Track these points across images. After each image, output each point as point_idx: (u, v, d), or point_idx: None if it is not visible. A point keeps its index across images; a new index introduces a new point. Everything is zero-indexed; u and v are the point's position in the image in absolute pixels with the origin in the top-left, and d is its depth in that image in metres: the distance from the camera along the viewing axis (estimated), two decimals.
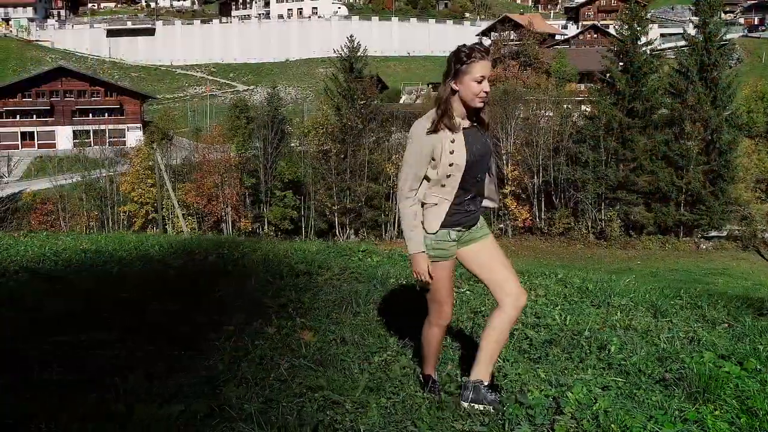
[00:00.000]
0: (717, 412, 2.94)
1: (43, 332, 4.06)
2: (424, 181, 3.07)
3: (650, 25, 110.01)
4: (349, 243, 9.20)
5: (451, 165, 3.00)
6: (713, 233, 49.81)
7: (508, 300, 3.11)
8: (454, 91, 3.01)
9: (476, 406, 3.00)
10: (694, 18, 49.55)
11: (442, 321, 3.22)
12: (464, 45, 3.05)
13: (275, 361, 3.42)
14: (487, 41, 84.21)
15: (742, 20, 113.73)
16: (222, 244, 8.62)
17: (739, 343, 4.03)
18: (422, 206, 3.09)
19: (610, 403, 2.99)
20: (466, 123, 3.09)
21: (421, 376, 3.33)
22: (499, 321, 3.12)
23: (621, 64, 50.32)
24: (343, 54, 51.55)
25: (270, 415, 2.66)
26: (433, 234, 3.06)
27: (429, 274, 3.06)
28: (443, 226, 3.07)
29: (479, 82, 2.97)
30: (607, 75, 51.27)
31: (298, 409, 2.79)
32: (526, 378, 3.39)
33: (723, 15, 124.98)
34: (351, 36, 52.33)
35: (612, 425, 2.74)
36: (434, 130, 2.99)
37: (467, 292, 5.50)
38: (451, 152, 2.99)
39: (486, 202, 3.26)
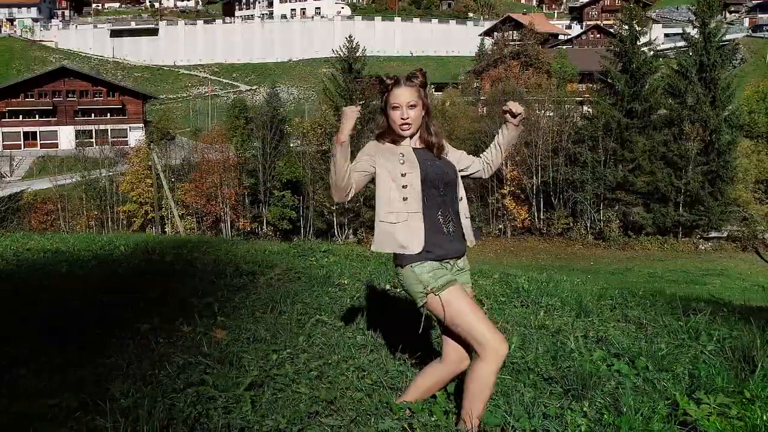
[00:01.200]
0: (586, 408, 3.02)
1: None
2: (382, 202, 2.96)
3: (654, 25, 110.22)
4: (311, 243, 9.29)
5: (403, 175, 2.93)
6: (714, 234, 49.72)
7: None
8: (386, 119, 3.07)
9: None
10: (693, 18, 49.33)
11: (501, 350, 2.75)
12: (382, 75, 3.13)
13: (172, 359, 3.52)
14: (489, 41, 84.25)
15: (746, 20, 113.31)
16: (184, 244, 8.74)
17: (642, 342, 4.10)
18: (389, 225, 2.93)
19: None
20: (418, 144, 3.06)
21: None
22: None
23: (620, 64, 50.29)
24: (341, 54, 51.70)
25: (139, 409, 2.75)
26: (421, 259, 2.85)
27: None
28: (431, 259, 2.87)
29: (395, 109, 2.98)
30: (608, 77, 51.25)
31: (170, 405, 2.88)
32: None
33: (728, 14, 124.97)
34: (350, 36, 52.46)
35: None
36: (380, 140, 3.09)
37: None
38: (402, 163, 2.95)
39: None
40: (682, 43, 58.21)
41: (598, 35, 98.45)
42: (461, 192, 3.09)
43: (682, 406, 2.90)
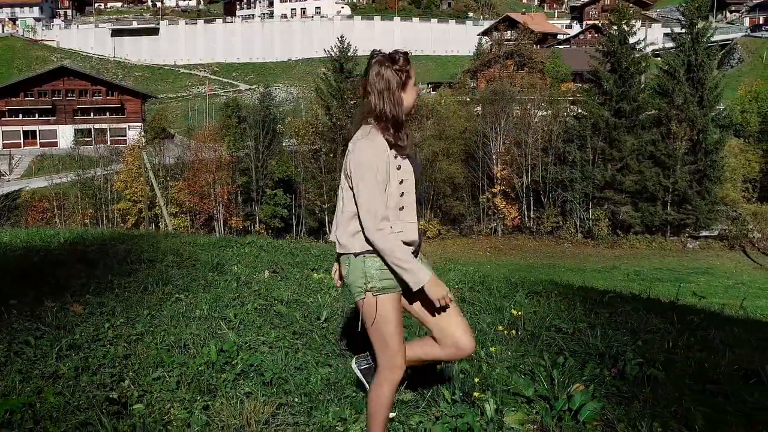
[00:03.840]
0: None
1: None
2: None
3: (653, 25, 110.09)
4: (236, 237, 9.89)
5: (401, 182, 2.72)
6: (704, 233, 50.08)
7: (453, 351, 2.82)
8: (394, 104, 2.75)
9: None
10: (681, 18, 49.77)
11: (395, 375, 2.71)
12: (398, 51, 2.85)
13: (14, 325, 4.13)
14: (487, 40, 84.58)
15: (746, 20, 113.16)
16: (119, 237, 9.36)
17: None
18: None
19: (262, 357, 3.69)
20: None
21: None
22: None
23: (609, 64, 50.71)
24: (333, 54, 52.28)
25: None
26: (379, 263, 2.66)
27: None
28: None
29: (416, 85, 2.82)
30: (597, 76, 51.64)
31: None
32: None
33: (728, 14, 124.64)
34: (341, 36, 53.02)
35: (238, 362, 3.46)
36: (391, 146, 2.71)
37: None
38: (399, 168, 2.71)
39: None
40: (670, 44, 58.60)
41: (596, 35, 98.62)
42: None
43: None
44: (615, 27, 50.82)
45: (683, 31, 49.79)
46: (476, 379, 3.33)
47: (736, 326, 5.14)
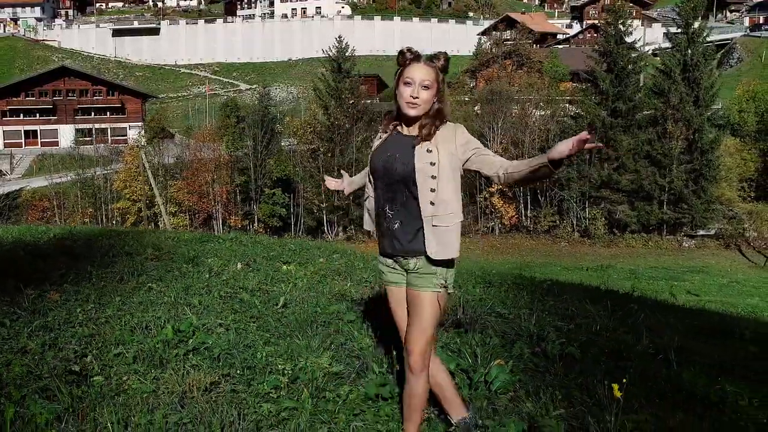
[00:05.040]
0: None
1: None
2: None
3: (654, 24, 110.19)
4: (219, 234, 10.25)
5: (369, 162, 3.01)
6: (701, 232, 50.34)
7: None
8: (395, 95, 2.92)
9: None
10: (677, 18, 50.03)
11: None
12: (405, 47, 2.93)
13: None
14: (486, 40, 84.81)
15: (747, 19, 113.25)
16: (106, 234, 9.72)
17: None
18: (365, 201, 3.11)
19: (214, 337, 4.05)
20: (408, 131, 2.94)
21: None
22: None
23: (605, 63, 50.97)
24: (331, 54, 52.61)
25: None
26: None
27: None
28: (380, 252, 3.01)
29: (407, 84, 2.83)
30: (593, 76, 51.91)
31: None
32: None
33: (729, 13, 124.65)
34: (339, 37, 53.34)
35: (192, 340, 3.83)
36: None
37: None
38: (371, 148, 3.01)
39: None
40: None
41: (596, 34, 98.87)
42: (427, 194, 2.82)
43: None
44: (611, 27, 51.03)
45: (679, 31, 50.04)
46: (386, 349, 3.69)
47: (671, 314, 5.48)
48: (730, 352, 4.32)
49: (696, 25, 48.97)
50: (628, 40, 51.13)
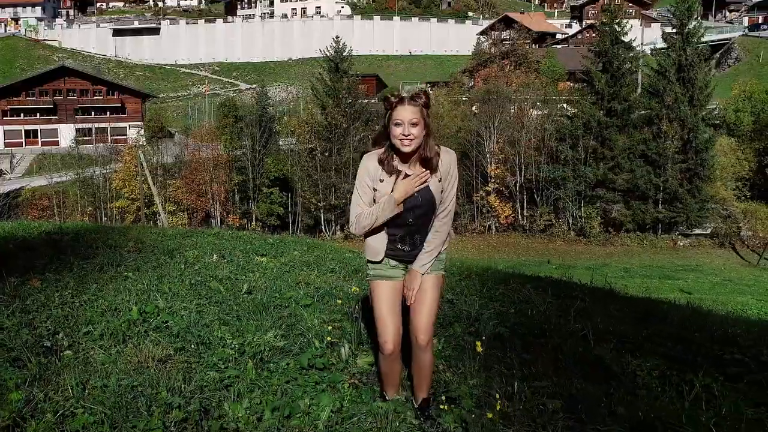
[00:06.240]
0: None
1: None
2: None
3: (653, 24, 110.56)
4: (203, 230, 10.64)
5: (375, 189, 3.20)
6: (697, 230, 50.67)
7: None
8: (388, 136, 3.16)
9: None
10: (672, 18, 50.37)
11: (384, 351, 3.23)
12: (388, 92, 3.30)
13: None
14: (485, 40, 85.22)
15: (746, 19, 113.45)
16: (95, 229, 10.12)
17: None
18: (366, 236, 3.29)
19: (176, 318, 4.44)
20: (410, 170, 3.20)
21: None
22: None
23: (601, 64, 51.33)
24: (328, 54, 53.01)
25: None
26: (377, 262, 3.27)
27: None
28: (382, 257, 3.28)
29: (397, 125, 3.09)
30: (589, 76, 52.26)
31: None
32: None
33: (728, 13, 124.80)
34: (336, 37, 53.74)
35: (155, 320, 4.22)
36: (379, 162, 3.19)
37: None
38: (375, 190, 3.20)
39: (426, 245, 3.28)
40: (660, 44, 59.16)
41: (594, 34, 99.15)
42: (440, 208, 3.26)
43: None
44: (607, 27, 51.40)
45: (674, 31, 50.39)
46: (330, 327, 4.08)
47: (615, 303, 5.86)
48: (650, 333, 4.71)
49: (691, 25, 49.31)
50: (625, 39, 51.51)
